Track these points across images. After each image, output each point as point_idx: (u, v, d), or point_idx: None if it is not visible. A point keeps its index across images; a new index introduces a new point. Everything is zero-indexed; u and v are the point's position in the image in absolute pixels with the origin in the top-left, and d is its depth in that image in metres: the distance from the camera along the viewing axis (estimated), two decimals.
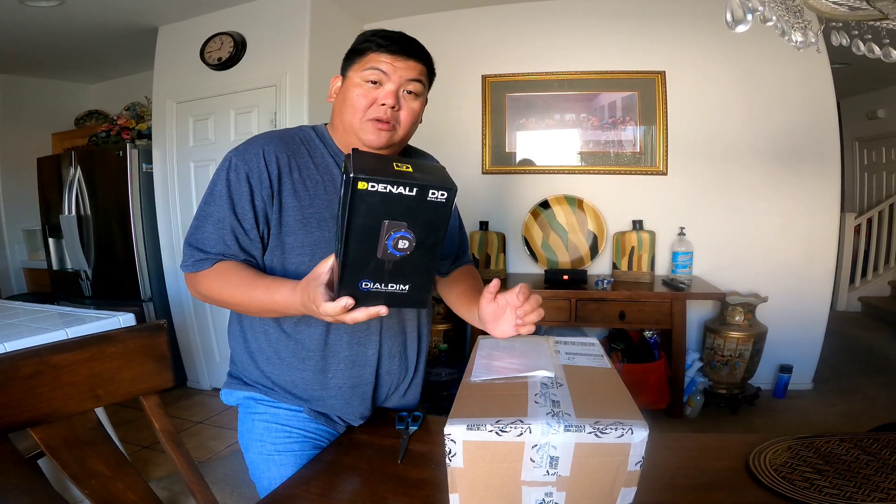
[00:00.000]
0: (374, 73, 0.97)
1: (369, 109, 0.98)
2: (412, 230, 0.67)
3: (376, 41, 0.97)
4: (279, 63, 2.94)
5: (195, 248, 0.96)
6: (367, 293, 0.71)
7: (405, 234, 0.67)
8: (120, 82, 4.41)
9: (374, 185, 0.63)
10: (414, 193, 0.65)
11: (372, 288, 0.71)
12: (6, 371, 0.77)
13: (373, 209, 0.64)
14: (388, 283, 0.71)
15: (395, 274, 0.71)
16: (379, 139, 0.98)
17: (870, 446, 0.92)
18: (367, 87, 0.98)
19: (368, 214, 0.65)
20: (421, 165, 0.70)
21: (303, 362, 1.03)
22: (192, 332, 3.39)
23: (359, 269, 0.69)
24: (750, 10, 0.81)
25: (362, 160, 0.67)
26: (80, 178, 3.43)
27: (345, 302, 0.71)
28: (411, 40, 1.00)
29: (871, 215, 5.15)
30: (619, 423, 0.63)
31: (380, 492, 0.87)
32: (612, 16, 3.14)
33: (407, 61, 0.98)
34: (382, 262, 0.69)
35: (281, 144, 0.99)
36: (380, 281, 0.71)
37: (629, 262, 3.06)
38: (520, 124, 3.30)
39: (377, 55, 0.97)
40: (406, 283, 0.72)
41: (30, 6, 2.83)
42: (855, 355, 3.85)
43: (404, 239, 0.68)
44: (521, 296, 0.96)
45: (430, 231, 0.69)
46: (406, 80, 0.98)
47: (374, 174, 0.63)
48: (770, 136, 3.06)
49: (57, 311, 2.06)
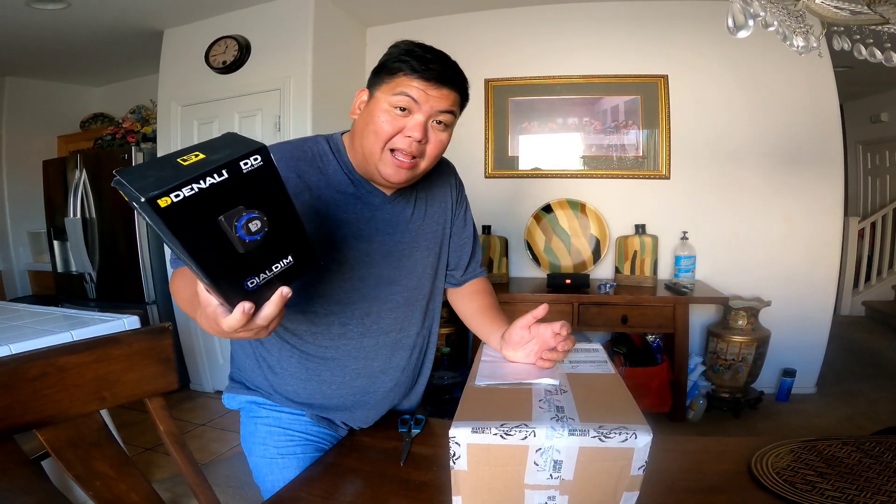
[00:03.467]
0: (404, 99, 0.88)
1: (394, 139, 0.90)
2: (254, 209, 0.58)
3: (410, 63, 0.88)
4: (283, 67, 2.96)
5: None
6: (258, 288, 0.63)
7: (248, 216, 0.58)
8: (125, 85, 4.44)
9: (176, 194, 0.52)
10: (226, 176, 0.55)
11: (259, 280, 0.63)
12: (13, 373, 0.78)
13: (195, 216, 0.54)
14: (270, 267, 0.63)
15: (269, 255, 0.63)
16: (398, 176, 0.92)
17: (872, 449, 0.92)
18: (394, 113, 0.89)
19: (195, 223, 0.54)
20: (210, 145, 0.59)
21: (308, 373, 1.03)
22: (195, 335, 3.40)
23: (231, 274, 0.61)
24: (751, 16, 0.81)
25: (138, 176, 0.53)
26: (86, 180, 3.44)
27: (242, 307, 0.62)
28: (449, 65, 0.91)
29: (875, 219, 5.14)
30: (623, 427, 0.64)
31: (382, 494, 0.87)
32: (615, 20, 3.14)
33: (441, 90, 0.89)
34: (249, 254, 0.60)
35: (293, 162, 0.93)
36: (260, 270, 0.62)
37: (632, 267, 3.06)
38: (522, 128, 3.31)
39: (409, 79, 0.88)
40: (286, 255, 0.65)
41: (36, 9, 2.85)
42: (858, 359, 3.84)
43: (252, 221, 0.58)
44: (559, 337, 0.90)
45: (272, 199, 0.60)
46: (437, 110, 0.90)
47: (168, 183, 0.51)
48: (773, 140, 3.06)
49: (62, 314, 2.06)
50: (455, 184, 1.16)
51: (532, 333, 0.94)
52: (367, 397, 1.07)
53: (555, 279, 2.93)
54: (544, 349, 0.91)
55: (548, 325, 0.92)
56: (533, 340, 0.94)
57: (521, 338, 0.95)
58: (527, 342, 0.95)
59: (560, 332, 0.91)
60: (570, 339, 0.92)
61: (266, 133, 3.02)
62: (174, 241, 0.54)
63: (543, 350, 0.91)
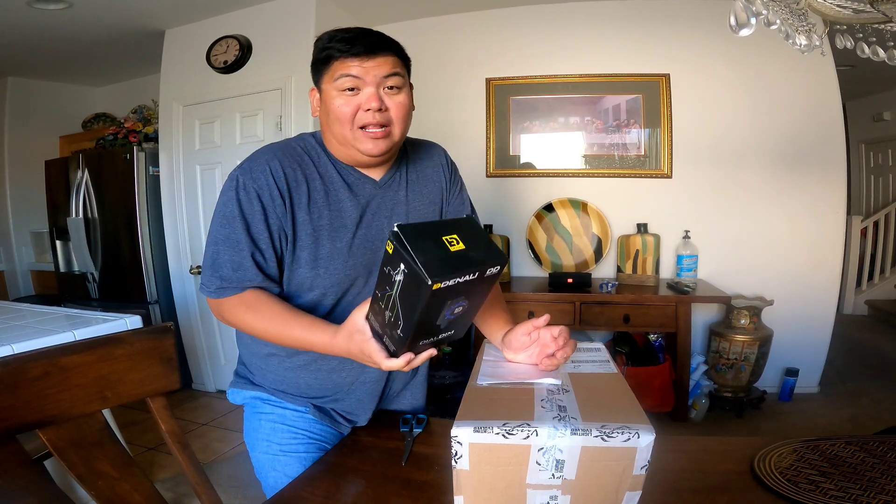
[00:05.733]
0: (348, 80, 0.92)
1: (356, 117, 0.93)
2: (467, 300, 0.73)
3: (337, 46, 0.92)
4: (284, 66, 2.95)
5: (215, 274, 0.93)
6: (423, 346, 0.77)
7: (461, 304, 0.72)
8: (127, 85, 4.44)
9: (445, 283, 0.65)
10: (476, 276, 0.69)
11: (427, 342, 0.77)
12: (15, 373, 0.78)
13: (441, 298, 0.68)
14: (440, 335, 0.78)
15: (447, 328, 0.77)
16: (378, 147, 0.95)
17: (875, 449, 0.92)
18: (345, 96, 0.93)
19: (437, 303, 0.68)
20: (464, 230, 0.72)
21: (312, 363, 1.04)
22: (197, 335, 3.40)
23: (420, 337, 0.74)
24: (754, 14, 0.81)
25: (423, 251, 0.66)
26: (88, 180, 3.45)
27: (406, 358, 0.76)
28: (374, 35, 0.94)
29: (878, 218, 5.12)
30: (625, 426, 0.63)
31: (384, 494, 0.87)
32: (617, 18, 3.14)
33: (375, 58, 0.92)
34: (439, 326, 0.74)
35: (285, 158, 0.96)
36: (434, 335, 0.77)
37: (634, 266, 3.05)
38: (524, 127, 3.31)
39: (343, 62, 0.92)
40: (453, 328, 0.79)
41: (38, 9, 2.85)
42: (861, 359, 3.83)
43: (461, 307, 0.73)
44: (558, 342, 0.90)
45: (481, 295, 0.76)
46: (382, 77, 0.93)
47: (444, 271, 0.65)
48: (775, 139, 3.06)
49: (64, 313, 2.07)
50: (446, 164, 1.17)
51: (532, 339, 0.94)
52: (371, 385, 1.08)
53: (556, 278, 2.92)
54: (544, 353, 0.91)
55: (547, 329, 0.91)
56: (534, 345, 0.94)
57: (521, 343, 0.95)
58: (528, 347, 0.94)
59: (557, 338, 0.90)
60: (569, 344, 0.91)
61: (268, 133, 3.02)
62: (416, 309, 0.67)
63: (543, 355, 0.91)
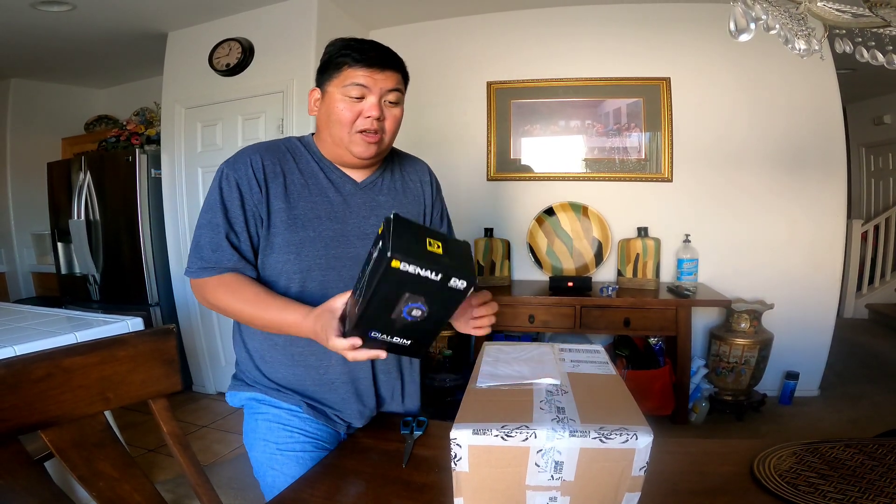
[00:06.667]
0: (356, 88, 1.01)
1: (356, 122, 1.02)
2: (427, 305, 0.74)
3: (352, 55, 1.00)
4: (286, 69, 2.97)
5: (197, 255, 1.02)
6: (374, 339, 0.79)
7: (420, 306, 0.74)
8: (129, 87, 4.46)
9: (406, 265, 0.68)
10: (438, 279, 0.71)
11: (379, 337, 0.79)
12: (18, 374, 0.78)
13: (399, 283, 0.70)
14: (394, 336, 0.79)
15: (402, 331, 0.78)
16: (368, 151, 1.04)
17: (875, 451, 0.92)
18: (350, 101, 1.02)
19: (394, 286, 0.71)
20: (450, 244, 0.76)
21: (298, 358, 1.07)
22: (197, 337, 3.41)
23: (372, 322, 0.77)
24: (753, 19, 0.81)
25: (401, 235, 0.71)
26: (90, 182, 3.46)
27: (352, 341, 0.79)
28: (385, 50, 1.04)
29: (878, 222, 5.12)
30: (623, 428, 0.64)
31: (384, 495, 0.88)
32: (617, 22, 3.15)
33: (384, 72, 1.02)
34: (394, 321, 0.76)
35: (267, 153, 1.06)
36: (387, 333, 0.78)
37: (634, 269, 3.05)
38: (525, 131, 3.31)
39: (354, 70, 1.00)
40: (409, 338, 0.80)
41: (41, 11, 2.86)
42: (862, 362, 3.82)
43: (418, 310, 0.75)
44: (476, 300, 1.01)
45: (442, 308, 0.76)
46: (386, 90, 1.02)
47: (409, 255, 0.68)
48: (776, 142, 3.06)
49: (65, 315, 2.07)
50: (430, 181, 1.26)
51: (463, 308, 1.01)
52: (358, 384, 1.10)
53: (557, 282, 2.93)
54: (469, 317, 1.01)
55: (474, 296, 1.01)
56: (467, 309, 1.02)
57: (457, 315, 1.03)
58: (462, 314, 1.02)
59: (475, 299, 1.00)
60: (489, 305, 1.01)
61: (269, 135, 3.02)
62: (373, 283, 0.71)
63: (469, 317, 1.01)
